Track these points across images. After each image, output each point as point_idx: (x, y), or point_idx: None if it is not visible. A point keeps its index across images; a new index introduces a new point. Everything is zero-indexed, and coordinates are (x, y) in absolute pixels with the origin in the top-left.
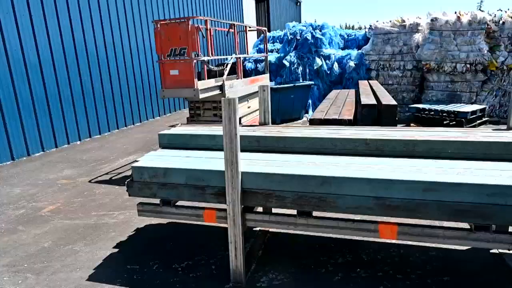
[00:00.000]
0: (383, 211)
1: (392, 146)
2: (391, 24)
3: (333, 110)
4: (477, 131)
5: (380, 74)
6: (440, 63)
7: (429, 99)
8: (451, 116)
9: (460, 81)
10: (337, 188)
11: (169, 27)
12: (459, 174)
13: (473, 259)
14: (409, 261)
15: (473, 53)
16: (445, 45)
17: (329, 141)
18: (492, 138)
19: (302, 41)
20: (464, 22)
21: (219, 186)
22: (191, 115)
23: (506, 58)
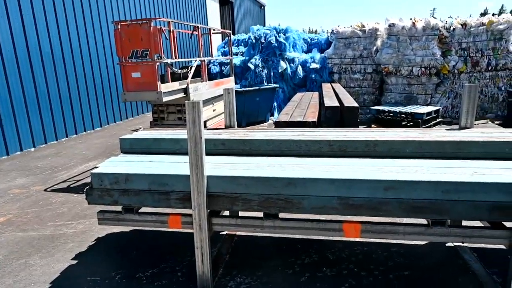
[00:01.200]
0: (347, 210)
1: (354, 147)
2: (352, 29)
3: (298, 112)
4: (433, 131)
5: (342, 77)
6: (398, 66)
7: (389, 101)
8: (409, 117)
9: (416, 84)
10: (302, 189)
11: (130, 28)
12: (417, 172)
13: (431, 253)
14: (372, 258)
15: (428, 57)
16: (402, 49)
17: (294, 143)
18: (445, 137)
19: (266, 44)
20: (419, 28)
21: (184, 191)
22: (154, 118)
23: (457, 63)
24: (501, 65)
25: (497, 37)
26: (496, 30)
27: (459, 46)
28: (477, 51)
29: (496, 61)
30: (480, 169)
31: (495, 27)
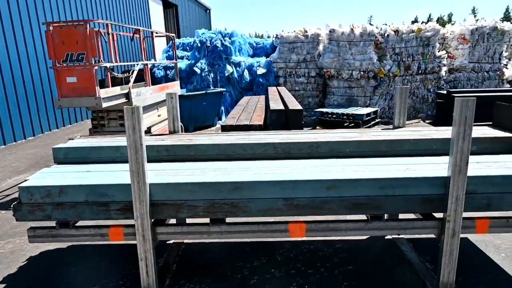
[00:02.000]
0: (292, 211)
1: (298, 149)
2: (295, 34)
3: (244, 116)
4: (370, 131)
5: (287, 80)
6: (339, 70)
7: (332, 104)
8: (350, 118)
9: (356, 87)
10: (248, 193)
11: (64, 30)
12: (356, 171)
13: (372, 246)
14: (318, 255)
15: (365, 61)
16: (342, 54)
17: (239, 146)
18: (381, 137)
19: (212, 48)
20: (357, 34)
21: (125, 201)
22: (94, 125)
23: (392, 66)
24: (430, 69)
25: (425, 43)
26: (424, 36)
27: (393, 51)
28: (408, 56)
29: (425, 65)
30: (411, 165)
31: (423, 34)
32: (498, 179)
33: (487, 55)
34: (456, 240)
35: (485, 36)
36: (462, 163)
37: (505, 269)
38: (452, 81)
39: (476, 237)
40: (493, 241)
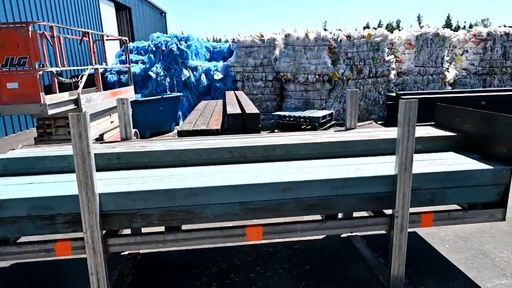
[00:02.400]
0: (248, 214)
1: (254, 152)
2: (252, 38)
3: (201, 120)
4: (324, 134)
5: (245, 84)
6: (295, 74)
7: (289, 107)
8: (307, 121)
9: (312, 90)
10: (204, 198)
11: (3, 33)
12: (311, 172)
13: (328, 245)
14: (277, 257)
15: (320, 65)
16: (298, 58)
17: (194, 152)
18: (334, 138)
19: (167, 52)
20: (312, 38)
21: (73, 213)
22: (40, 134)
23: (345, 70)
24: (380, 72)
25: (375, 48)
26: (374, 42)
27: (346, 56)
28: (360, 60)
29: (375, 69)
30: (362, 165)
31: (373, 39)
32: (440, 176)
33: (430, 59)
34: (404, 234)
35: (428, 42)
36: (408, 162)
37: (449, 259)
38: (400, 83)
39: (424, 231)
40: (438, 234)
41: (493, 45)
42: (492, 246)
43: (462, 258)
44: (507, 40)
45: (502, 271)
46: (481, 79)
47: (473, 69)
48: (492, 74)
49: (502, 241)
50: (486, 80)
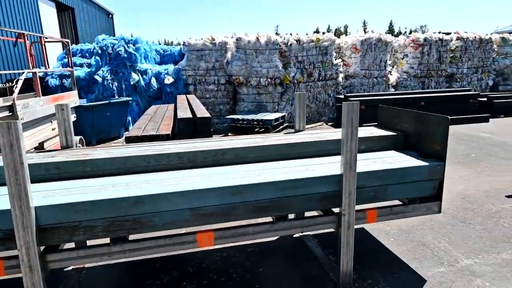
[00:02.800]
0: (199, 220)
1: (203, 157)
2: (203, 41)
3: (151, 125)
4: (273, 136)
5: (197, 88)
6: (247, 77)
7: (242, 110)
8: (260, 123)
9: (264, 93)
10: (152, 206)
11: None
12: (260, 175)
13: (281, 246)
14: (231, 262)
15: (272, 69)
16: (250, 61)
17: (141, 158)
18: (283, 141)
19: (114, 55)
20: (262, 42)
21: (4, 229)
22: None
23: (296, 73)
24: (329, 76)
25: (324, 52)
26: (322, 46)
27: (296, 59)
28: (310, 63)
29: (324, 72)
30: (310, 166)
31: (321, 44)
32: (381, 173)
33: (375, 63)
34: (351, 231)
35: (372, 47)
36: (352, 161)
37: (394, 252)
38: (348, 86)
39: (370, 226)
40: (384, 228)
41: (429, 50)
42: (431, 237)
43: (405, 250)
44: (441, 45)
45: (440, 260)
46: (420, 81)
47: (412, 72)
48: (429, 76)
49: (440, 231)
50: (424, 82)
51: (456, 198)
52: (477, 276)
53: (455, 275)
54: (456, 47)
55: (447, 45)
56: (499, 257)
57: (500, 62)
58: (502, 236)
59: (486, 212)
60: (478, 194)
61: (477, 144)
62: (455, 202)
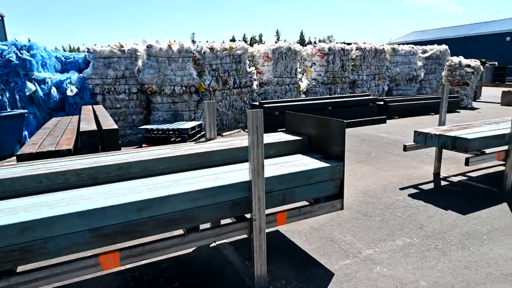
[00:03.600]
0: (101, 241)
1: (106, 172)
2: (110, 48)
3: (49, 140)
4: (183, 146)
5: (106, 98)
6: (161, 86)
7: (157, 120)
8: (176, 133)
9: (180, 102)
10: (43, 232)
11: None
12: (169, 187)
13: (198, 257)
14: (143, 280)
15: (186, 77)
16: (162, 70)
17: (32, 178)
18: (193, 150)
19: (4, 62)
20: (175, 50)
21: None
22: None
23: (211, 81)
24: (243, 83)
25: (237, 60)
26: (236, 54)
27: (211, 67)
28: (224, 71)
29: (239, 80)
30: (221, 174)
31: (234, 52)
32: (288, 177)
33: (286, 70)
34: (263, 236)
35: (283, 55)
36: (259, 167)
37: (305, 250)
38: (263, 93)
39: (284, 228)
40: (297, 229)
41: (333, 59)
42: (338, 232)
43: (316, 247)
44: (344, 54)
45: (346, 252)
46: (327, 88)
47: (320, 79)
48: (335, 83)
49: (346, 226)
50: (331, 88)
51: (359, 193)
52: (377, 264)
53: (358, 266)
54: (356, 56)
55: (348, 54)
56: (394, 244)
57: (392, 70)
58: (397, 225)
59: (384, 205)
60: (377, 188)
61: (376, 143)
62: (358, 198)
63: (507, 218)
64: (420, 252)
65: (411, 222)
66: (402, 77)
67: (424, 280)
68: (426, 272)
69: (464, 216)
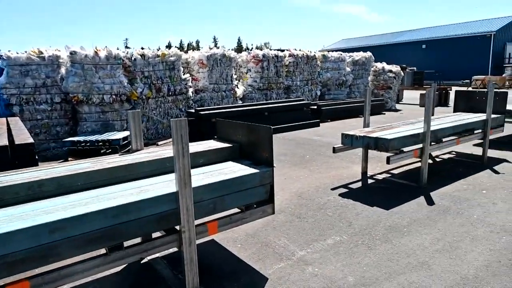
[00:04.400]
0: (8, 270)
1: (14, 192)
2: (28, 55)
3: None
4: (106, 159)
5: (25, 109)
6: (88, 95)
7: (85, 131)
8: (106, 144)
9: (110, 111)
10: None
11: None
12: (87, 204)
13: (128, 275)
14: None
15: (116, 85)
16: (89, 77)
17: None
18: (116, 163)
19: None
20: (102, 57)
21: None
22: None
23: (143, 89)
24: (178, 90)
25: (171, 67)
26: (169, 61)
27: (143, 75)
28: (158, 79)
29: (174, 87)
30: (146, 187)
31: (167, 59)
32: (217, 185)
33: (222, 77)
34: (193, 247)
35: (218, 62)
36: (186, 177)
37: (240, 257)
38: (199, 100)
39: (220, 236)
40: (232, 236)
41: (268, 65)
42: (273, 236)
43: (251, 253)
44: (277, 61)
45: (280, 256)
46: (263, 93)
47: (256, 85)
48: (270, 89)
49: (281, 229)
50: (267, 94)
51: (294, 196)
52: (309, 264)
53: (291, 268)
54: (289, 63)
55: (282, 61)
56: (325, 243)
57: (323, 75)
58: (328, 225)
59: (316, 206)
60: (311, 190)
61: (310, 146)
62: (293, 200)
63: (423, 210)
64: (349, 248)
65: (341, 220)
66: (332, 82)
67: (351, 275)
68: (354, 267)
69: (387, 211)
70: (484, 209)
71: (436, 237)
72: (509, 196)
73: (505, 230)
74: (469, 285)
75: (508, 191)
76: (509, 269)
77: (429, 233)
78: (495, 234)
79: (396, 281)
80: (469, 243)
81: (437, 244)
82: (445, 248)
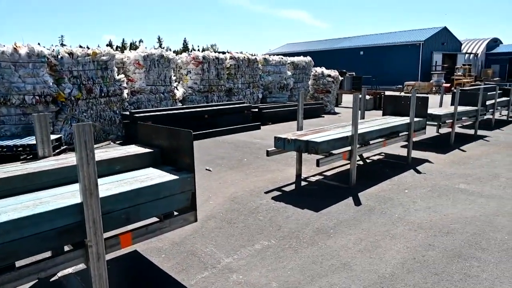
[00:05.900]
0: None
1: None
2: None
3: None
4: (5, 167)
5: None
6: (6, 95)
7: (3, 135)
8: (27, 150)
9: (33, 113)
10: None
11: None
12: None
13: None
14: None
15: (39, 85)
16: (7, 76)
17: None
18: (14, 172)
19: None
20: (23, 54)
21: None
22: None
23: (72, 90)
24: (112, 92)
25: (103, 67)
26: (101, 60)
27: (71, 74)
28: (88, 79)
29: (107, 88)
30: (47, 198)
31: (99, 58)
32: (131, 194)
33: (160, 78)
34: (102, 263)
35: (155, 63)
36: (92, 186)
37: (163, 268)
38: (135, 102)
39: (143, 246)
40: (157, 246)
41: (208, 67)
42: (200, 244)
43: (175, 264)
44: (218, 63)
45: (205, 264)
46: (204, 96)
47: (196, 87)
48: (211, 91)
49: (209, 236)
50: (208, 96)
51: (227, 201)
52: (234, 272)
53: (216, 276)
54: (231, 65)
55: (223, 63)
56: (253, 249)
57: (265, 78)
58: (258, 229)
59: (248, 210)
60: (245, 194)
61: (249, 149)
62: (225, 205)
63: (350, 211)
64: (276, 253)
65: (271, 224)
66: (274, 85)
67: (275, 281)
68: (279, 272)
69: (317, 213)
70: (404, 208)
71: (360, 237)
72: (427, 194)
73: (422, 227)
74: (385, 283)
75: (427, 190)
76: (421, 266)
77: (353, 233)
78: (413, 232)
79: (318, 284)
80: (389, 241)
81: (360, 244)
82: (366, 248)
